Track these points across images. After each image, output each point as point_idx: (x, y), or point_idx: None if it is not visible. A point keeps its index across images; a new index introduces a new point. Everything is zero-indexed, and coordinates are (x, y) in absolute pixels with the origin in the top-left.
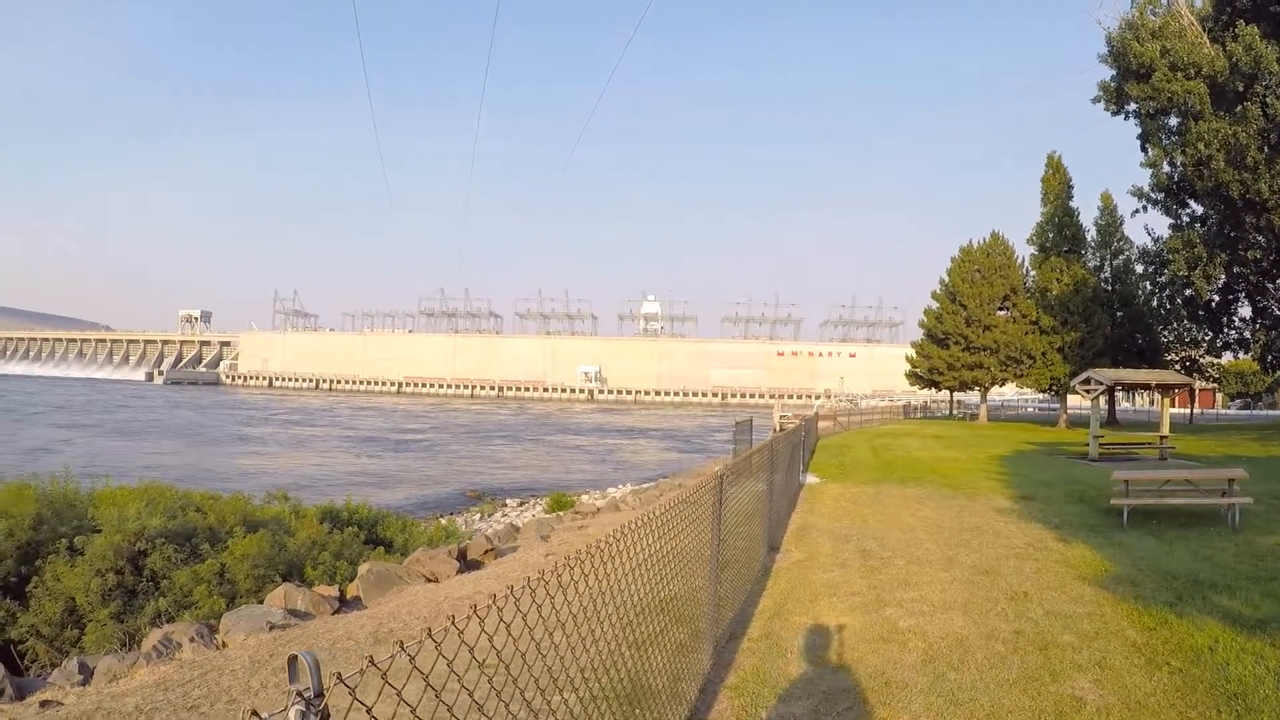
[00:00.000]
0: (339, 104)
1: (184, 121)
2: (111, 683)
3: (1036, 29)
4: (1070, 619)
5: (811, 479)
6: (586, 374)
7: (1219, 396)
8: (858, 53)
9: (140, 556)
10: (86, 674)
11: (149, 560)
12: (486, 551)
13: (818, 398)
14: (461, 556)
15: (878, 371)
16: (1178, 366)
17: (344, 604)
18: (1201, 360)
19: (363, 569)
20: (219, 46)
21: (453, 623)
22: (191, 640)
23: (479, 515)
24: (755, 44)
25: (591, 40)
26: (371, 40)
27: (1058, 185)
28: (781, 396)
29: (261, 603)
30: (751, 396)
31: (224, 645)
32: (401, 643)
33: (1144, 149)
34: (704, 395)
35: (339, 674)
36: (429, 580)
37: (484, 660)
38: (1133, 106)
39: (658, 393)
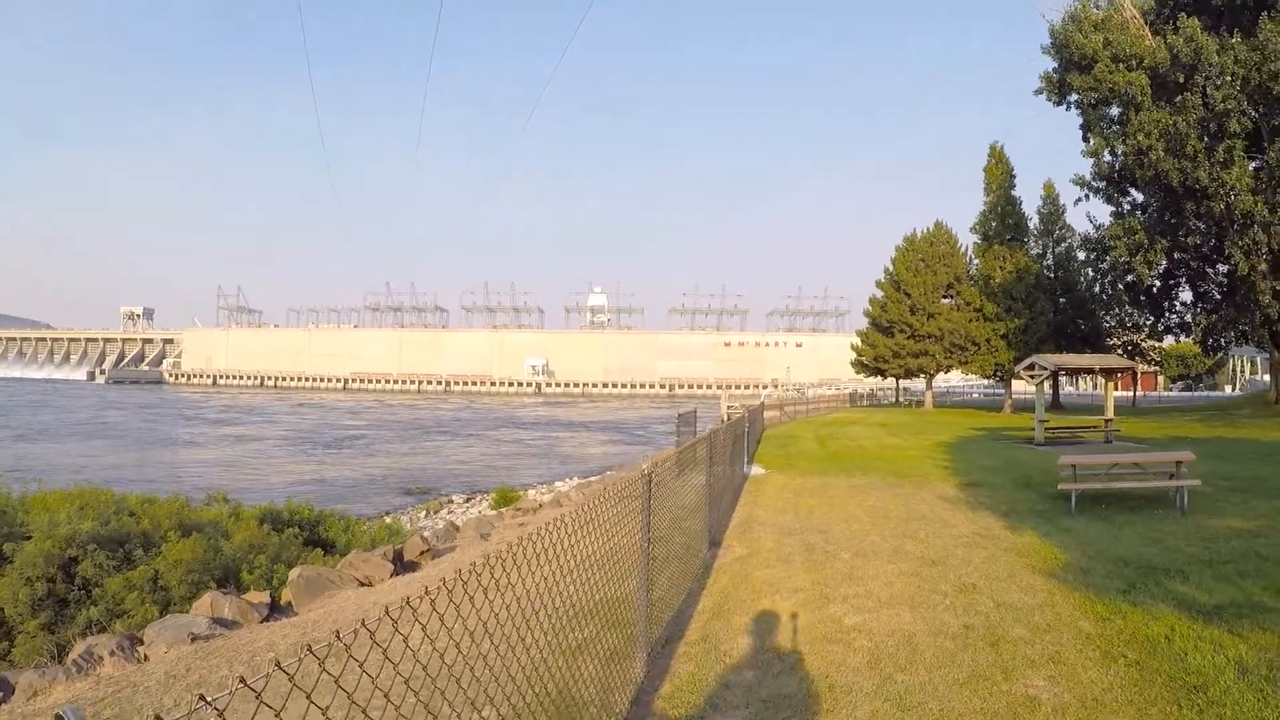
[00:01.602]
0: (281, 95)
1: (122, 112)
2: (31, 700)
3: (982, 20)
4: (1021, 611)
5: (757, 470)
6: (534, 367)
7: (1161, 379)
8: (808, 46)
9: (72, 564)
10: (7, 691)
11: (80, 567)
12: (423, 552)
13: (765, 388)
14: (397, 558)
15: (825, 361)
16: (1120, 351)
17: (275, 610)
18: (1144, 344)
19: (293, 574)
20: (160, 33)
21: (363, 624)
22: (112, 654)
23: (424, 513)
24: (702, 31)
25: (538, 26)
26: (315, 26)
27: (1000, 175)
28: (729, 387)
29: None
30: (699, 388)
31: (145, 658)
32: (290, 658)
33: (1085, 139)
34: (652, 387)
35: (202, 695)
36: (362, 584)
37: (409, 674)
38: (1075, 97)
39: (606, 385)
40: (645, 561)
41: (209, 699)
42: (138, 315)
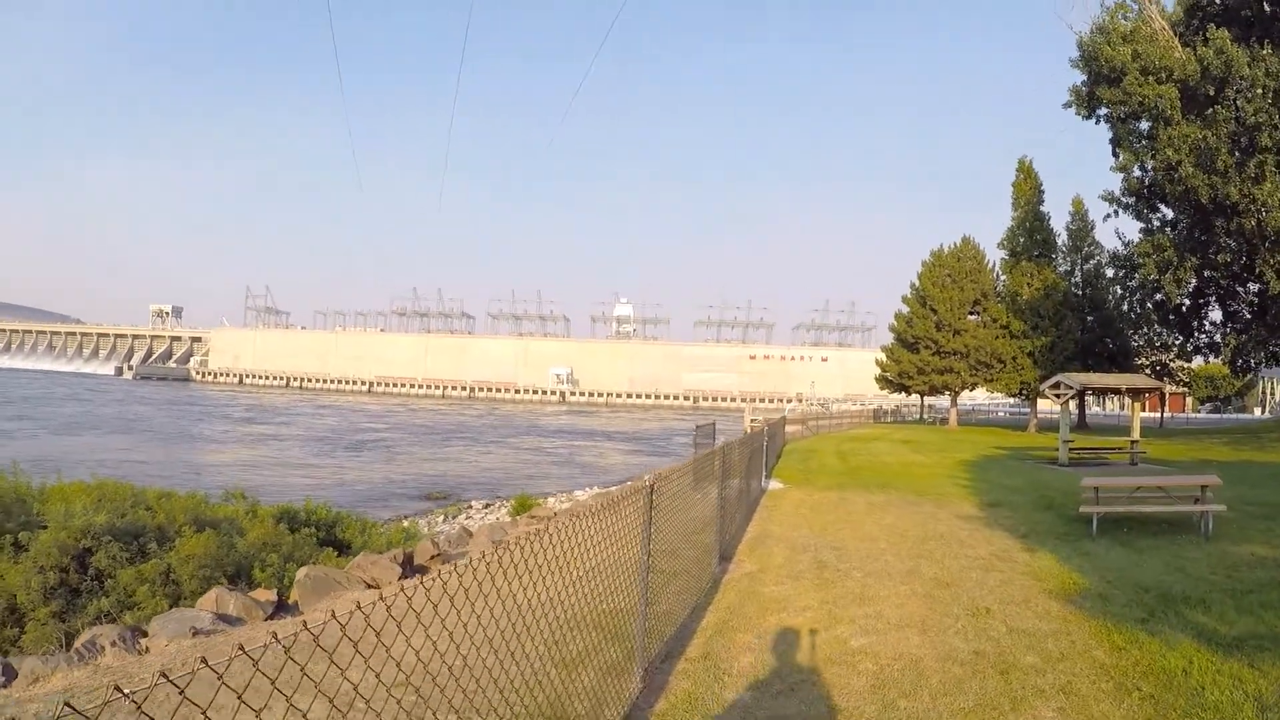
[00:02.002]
0: (312, 98)
1: (157, 113)
2: (31, 685)
3: (1011, 35)
4: (1034, 637)
5: (774, 485)
6: (558, 375)
7: (1189, 400)
8: (835, 58)
9: (86, 554)
10: (10, 675)
11: (94, 558)
12: (433, 556)
13: (789, 401)
14: (406, 562)
15: (850, 375)
16: (1148, 371)
17: (281, 608)
18: (1172, 364)
19: (300, 574)
20: (191, 35)
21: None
22: (114, 644)
23: (443, 517)
24: (731, 44)
25: (567, 34)
26: (345, 32)
27: (1028, 190)
28: (753, 400)
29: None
30: (723, 400)
31: (146, 650)
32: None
33: (1115, 153)
34: (676, 398)
35: (117, 685)
36: (369, 586)
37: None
38: (1104, 111)
39: (630, 395)
40: (644, 575)
41: (125, 691)
42: (166, 313)
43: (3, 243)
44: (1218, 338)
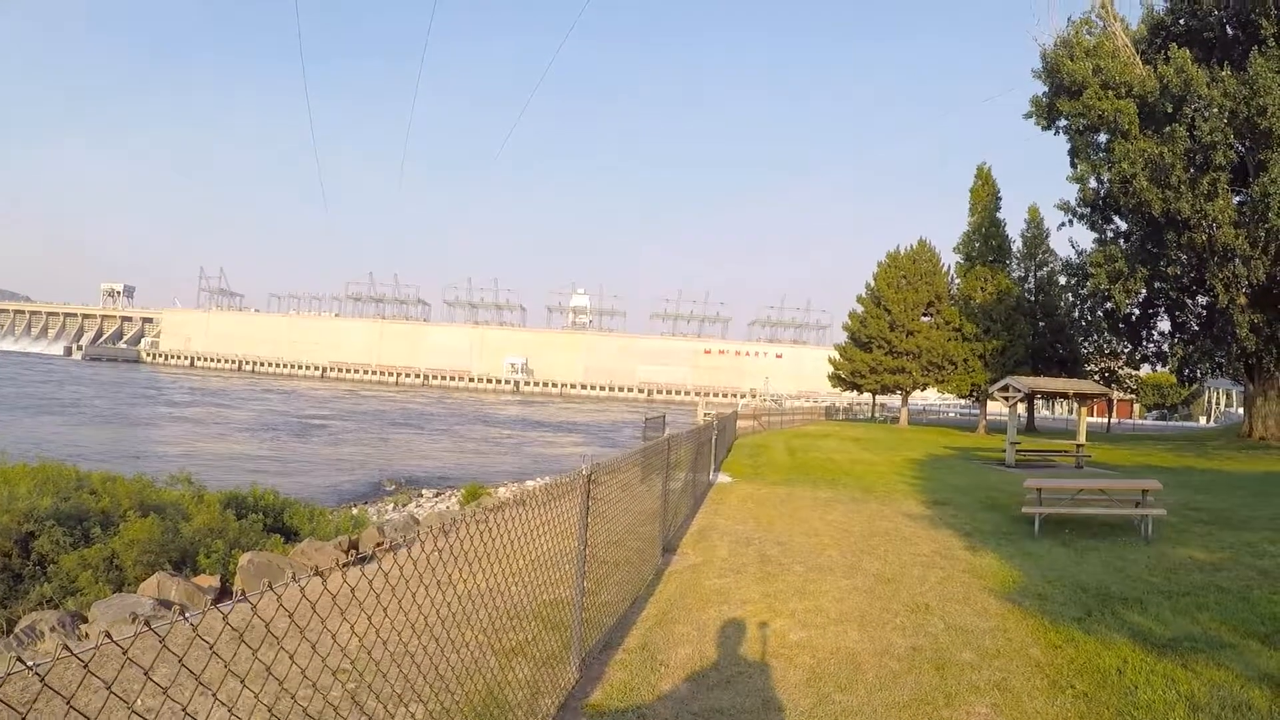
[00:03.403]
0: (273, 81)
1: (112, 85)
2: None
3: (975, 43)
4: (972, 634)
5: (723, 478)
6: (513, 365)
7: (1136, 407)
8: (794, 57)
9: (29, 539)
10: None
11: (37, 543)
12: (378, 545)
13: (743, 397)
14: (352, 549)
15: (803, 373)
16: (1097, 377)
17: (224, 595)
18: (1120, 372)
19: (243, 560)
20: (150, 10)
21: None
22: (53, 630)
23: (392, 505)
24: (692, 33)
25: (533, 18)
26: (307, 13)
27: (986, 196)
28: (708, 395)
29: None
30: (678, 394)
31: (85, 636)
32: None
33: (1073, 164)
34: (631, 391)
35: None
36: (314, 574)
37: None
38: (1063, 122)
39: (584, 387)
40: (581, 565)
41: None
42: (118, 292)
43: None
44: (1165, 347)
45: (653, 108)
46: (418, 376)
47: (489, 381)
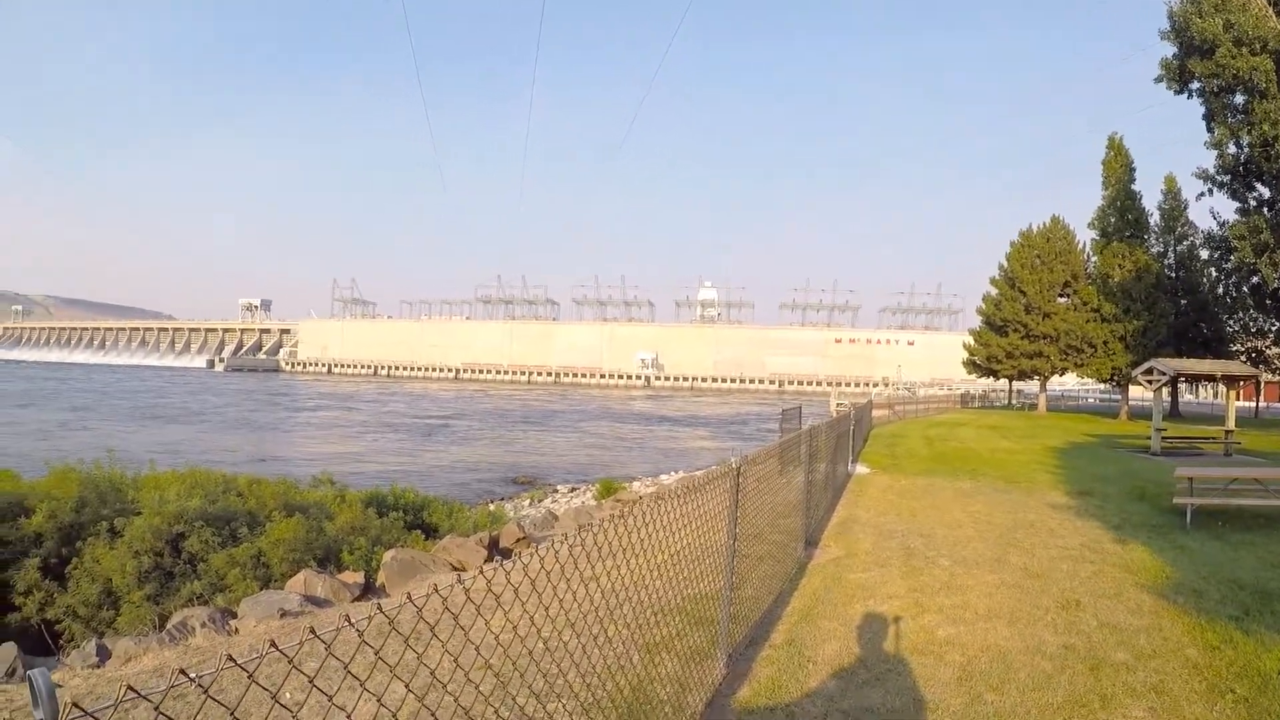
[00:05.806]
0: (391, 92)
1: (244, 112)
2: (124, 665)
3: (1100, 9)
4: (1125, 633)
5: (861, 469)
6: (643, 360)
7: None
8: (917, 39)
9: (179, 539)
10: (104, 656)
11: (187, 543)
12: (519, 540)
13: (875, 386)
14: (492, 545)
15: (936, 360)
16: (1244, 357)
17: (369, 591)
18: (1268, 351)
19: (386, 556)
20: (272, 35)
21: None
22: (204, 625)
23: (529, 501)
24: (818, 33)
25: (648, 12)
26: (419, 21)
27: (1119, 168)
28: (839, 384)
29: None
30: (808, 384)
31: (235, 631)
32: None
33: (1209, 129)
34: (761, 382)
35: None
36: (455, 569)
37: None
38: (1196, 85)
39: (714, 380)
40: (731, 559)
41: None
42: (255, 307)
43: (97, 245)
44: None
45: (772, 97)
46: (549, 374)
47: (620, 377)
